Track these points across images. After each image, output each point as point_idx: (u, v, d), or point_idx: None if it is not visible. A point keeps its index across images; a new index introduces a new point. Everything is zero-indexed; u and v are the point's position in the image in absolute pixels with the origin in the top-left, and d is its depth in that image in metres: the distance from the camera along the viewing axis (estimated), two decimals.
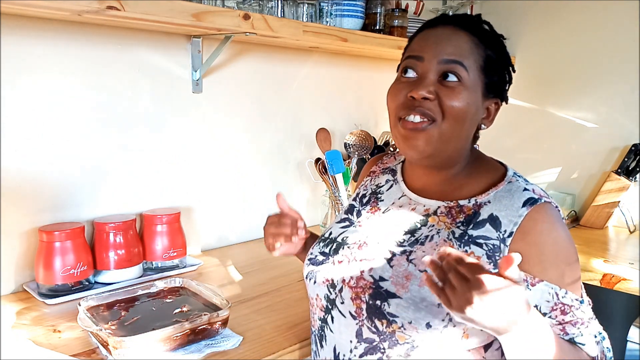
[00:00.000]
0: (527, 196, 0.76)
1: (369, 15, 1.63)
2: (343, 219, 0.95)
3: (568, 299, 0.73)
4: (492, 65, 0.80)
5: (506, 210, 0.75)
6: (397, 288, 0.76)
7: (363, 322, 0.78)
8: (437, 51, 0.77)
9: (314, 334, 0.90)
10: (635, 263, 1.44)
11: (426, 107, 0.77)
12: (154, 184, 1.37)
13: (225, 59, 1.47)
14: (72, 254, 1.12)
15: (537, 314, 0.69)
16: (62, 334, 0.96)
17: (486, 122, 0.83)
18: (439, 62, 0.77)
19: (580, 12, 1.90)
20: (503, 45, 0.82)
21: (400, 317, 0.74)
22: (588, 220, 1.87)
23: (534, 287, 0.73)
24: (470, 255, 0.74)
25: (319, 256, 0.90)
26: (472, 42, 0.78)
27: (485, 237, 0.75)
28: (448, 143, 0.79)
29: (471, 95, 0.77)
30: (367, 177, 1.00)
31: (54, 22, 1.14)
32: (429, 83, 0.77)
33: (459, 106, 0.76)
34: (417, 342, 0.75)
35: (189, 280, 1.09)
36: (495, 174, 0.82)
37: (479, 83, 0.79)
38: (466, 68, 0.77)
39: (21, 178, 1.14)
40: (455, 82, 0.77)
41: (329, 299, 0.84)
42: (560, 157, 1.99)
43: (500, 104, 0.84)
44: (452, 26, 0.79)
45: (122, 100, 1.28)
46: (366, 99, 1.94)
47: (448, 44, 0.77)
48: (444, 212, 0.81)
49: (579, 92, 1.93)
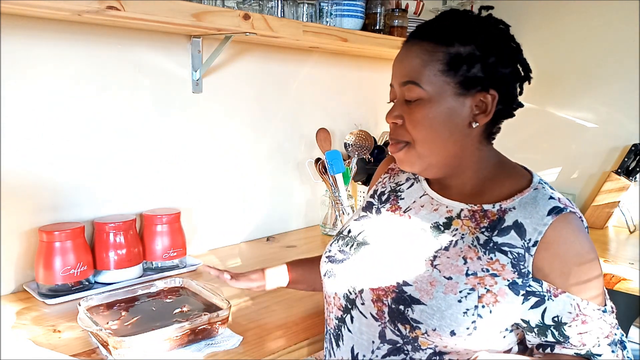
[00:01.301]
0: (552, 205, 0.74)
1: (369, 15, 1.63)
2: (362, 217, 0.93)
3: (589, 310, 0.73)
4: (464, 60, 0.76)
5: (531, 218, 0.74)
6: (422, 294, 0.75)
7: (386, 325, 0.78)
8: (397, 75, 0.81)
9: (328, 332, 0.90)
10: (635, 263, 1.44)
11: (397, 132, 0.82)
12: (154, 184, 1.37)
13: (225, 59, 1.47)
14: (72, 254, 1.12)
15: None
16: (62, 334, 0.96)
17: (480, 117, 0.78)
18: (399, 86, 0.81)
19: (581, 12, 1.90)
20: (484, 34, 0.78)
21: (425, 323, 0.73)
22: (588, 220, 1.86)
23: (556, 298, 0.72)
24: (495, 262, 0.74)
25: (338, 254, 0.89)
26: (424, 52, 0.77)
27: (510, 244, 0.74)
28: (434, 156, 0.80)
29: (436, 105, 0.77)
30: (384, 175, 0.98)
31: (54, 22, 1.14)
32: (396, 108, 0.81)
33: (423, 125, 0.78)
34: (439, 348, 0.75)
35: (189, 280, 1.09)
36: (521, 180, 0.81)
37: (447, 86, 0.77)
38: (419, 84, 0.77)
39: (21, 178, 1.14)
40: (416, 102, 0.79)
41: (349, 298, 0.83)
42: (560, 157, 1.99)
43: (498, 93, 0.78)
44: (410, 41, 0.81)
45: (122, 100, 1.28)
46: (366, 99, 1.94)
47: (402, 65, 0.80)
48: (468, 216, 0.80)
49: (579, 92, 1.93)
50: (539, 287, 0.72)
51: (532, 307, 0.73)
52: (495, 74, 0.78)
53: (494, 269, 0.73)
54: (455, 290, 0.73)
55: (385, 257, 0.83)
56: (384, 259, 0.82)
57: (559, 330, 0.73)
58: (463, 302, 0.72)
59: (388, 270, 0.80)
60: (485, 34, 0.78)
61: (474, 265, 0.74)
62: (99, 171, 1.26)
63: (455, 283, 0.73)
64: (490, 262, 0.74)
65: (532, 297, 0.72)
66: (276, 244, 1.60)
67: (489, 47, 0.77)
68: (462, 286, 0.73)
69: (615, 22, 1.82)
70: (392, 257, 0.82)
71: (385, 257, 0.83)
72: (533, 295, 0.72)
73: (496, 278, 0.73)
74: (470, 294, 0.72)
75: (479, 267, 0.74)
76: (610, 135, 1.87)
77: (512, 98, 0.82)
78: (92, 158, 1.25)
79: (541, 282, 0.72)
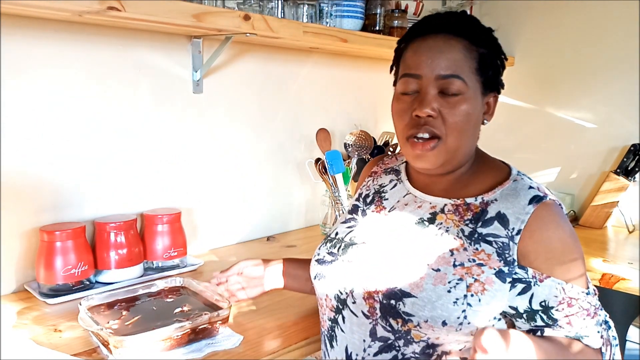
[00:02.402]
0: (532, 194, 0.78)
1: (369, 16, 1.63)
2: (348, 219, 0.95)
3: (574, 292, 0.75)
4: (486, 61, 0.81)
5: (513, 208, 0.77)
6: (412, 287, 0.76)
7: (377, 321, 0.79)
8: (432, 67, 0.78)
9: (323, 334, 0.91)
10: (634, 263, 1.44)
11: (431, 124, 0.78)
12: (155, 184, 1.37)
13: (225, 60, 1.48)
14: (73, 253, 1.12)
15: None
16: (63, 333, 0.96)
17: (487, 116, 0.84)
18: (436, 78, 0.78)
19: (580, 12, 1.90)
20: (493, 37, 0.83)
21: (417, 316, 0.75)
22: (587, 220, 1.87)
23: (542, 283, 0.75)
24: (481, 252, 0.76)
25: (326, 256, 0.90)
26: (464, 49, 0.78)
27: (494, 234, 0.77)
28: (457, 152, 0.81)
29: (472, 102, 0.79)
30: (368, 178, 1.00)
31: (55, 23, 1.14)
32: (431, 100, 0.78)
33: (462, 120, 0.78)
34: (432, 340, 0.76)
35: (189, 279, 1.09)
36: (500, 173, 0.84)
37: (477, 85, 0.80)
38: (464, 79, 0.77)
39: (22, 178, 1.14)
40: (456, 97, 0.78)
41: (340, 298, 0.84)
42: (559, 157, 2.00)
43: (498, 95, 0.85)
44: (443, 34, 0.79)
45: (122, 101, 1.28)
46: (366, 99, 1.94)
47: (442, 57, 0.77)
48: (451, 210, 0.82)
49: (579, 92, 1.94)
50: (524, 273, 0.75)
51: (519, 294, 0.75)
52: (499, 77, 0.84)
53: (480, 259, 0.76)
54: (444, 281, 0.75)
55: (373, 255, 0.84)
56: (373, 257, 0.84)
57: (547, 314, 0.75)
58: (452, 292, 0.74)
59: (377, 268, 0.81)
60: (494, 38, 0.83)
61: (460, 256, 0.77)
62: (100, 171, 1.26)
63: (443, 274, 0.76)
64: (476, 253, 0.76)
65: (518, 284, 0.75)
66: (276, 243, 1.61)
67: (497, 51, 0.83)
68: (451, 277, 0.75)
69: (615, 22, 1.83)
70: (380, 255, 0.83)
71: (374, 255, 0.84)
72: (520, 282, 0.75)
73: (483, 267, 0.75)
74: (458, 284, 0.74)
75: (465, 258, 0.76)
76: (609, 136, 1.87)
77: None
78: (92, 158, 1.25)
79: (526, 269, 0.75)
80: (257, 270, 1.03)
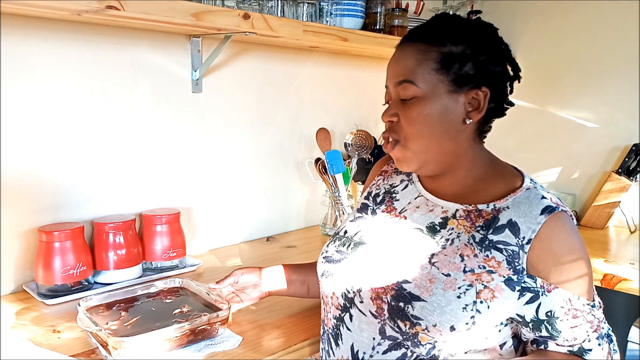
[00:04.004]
0: (545, 204, 0.77)
1: (369, 14, 1.63)
2: (357, 217, 0.95)
3: (580, 304, 0.76)
4: (456, 58, 0.79)
5: (525, 217, 0.77)
6: (421, 291, 0.76)
7: (385, 322, 0.79)
8: (392, 76, 0.84)
9: (326, 332, 0.90)
10: (635, 263, 1.44)
11: (392, 129, 0.84)
12: (154, 184, 1.37)
13: (225, 59, 1.47)
14: (71, 254, 1.11)
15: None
16: (61, 334, 0.96)
17: (474, 113, 0.80)
18: (395, 86, 0.83)
19: (580, 12, 1.90)
20: (475, 34, 0.81)
21: (425, 320, 0.75)
22: (589, 220, 1.86)
23: (549, 294, 0.75)
24: (491, 259, 0.76)
25: (335, 254, 0.90)
26: (418, 53, 0.80)
27: (505, 242, 0.77)
28: (429, 152, 0.82)
29: (430, 102, 0.80)
30: (378, 177, 1.00)
31: (54, 22, 1.14)
32: (392, 107, 0.84)
33: (417, 120, 0.80)
34: (439, 344, 0.76)
35: (188, 280, 1.09)
36: (513, 180, 0.83)
37: (440, 84, 0.79)
38: (414, 82, 0.80)
39: (21, 178, 1.14)
40: (411, 100, 0.81)
41: (347, 297, 0.84)
42: (560, 157, 1.99)
43: (490, 90, 0.80)
44: (404, 43, 0.83)
45: (121, 100, 1.28)
46: (366, 99, 1.94)
47: (397, 65, 0.83)
48: (463, 216, 0.82)
49: (579, 92, 1.93)
50: (533, 283, 0.75)
51: (527, 303, 0.75)
52: (486, 72, 0.81)
53: (490, 266, 0.76)
54: (454, 286, 0.75)
55: (382, 256, 0.84)
56: (382, 258, 0.84)
57: (551, 324, 0.75)
58: (462, 298, 0.74)
59: (386, 269, 0.81)
60: (476, 34, 0.82)
61: (470, 263, 0.76)
62: (99, 171, 1.26)
63: (453, 280, 0.75)
64: (486, 260, 0.76)
65: (527, 292, 0.75)
66: (276, 244, 1.60)
67: (480, 46, 0.80)
68: (461, 282, 0.75)
69: (615, 22, 1.82)
70: (389, 256, 0.83)
71: (383, 256, 0.84)
72: (528, 291, 0.75)
73: (492, 275, 0.75)
74: (468, 290, 0.74)
75: (475, 264, 0.76)
76: (610, 135, 1.87)
77: (503, 96, 0.85)
78: (91, 158, 1.24)
79: (535, 278, 0.75)
80: (252, 277, 1.03)
